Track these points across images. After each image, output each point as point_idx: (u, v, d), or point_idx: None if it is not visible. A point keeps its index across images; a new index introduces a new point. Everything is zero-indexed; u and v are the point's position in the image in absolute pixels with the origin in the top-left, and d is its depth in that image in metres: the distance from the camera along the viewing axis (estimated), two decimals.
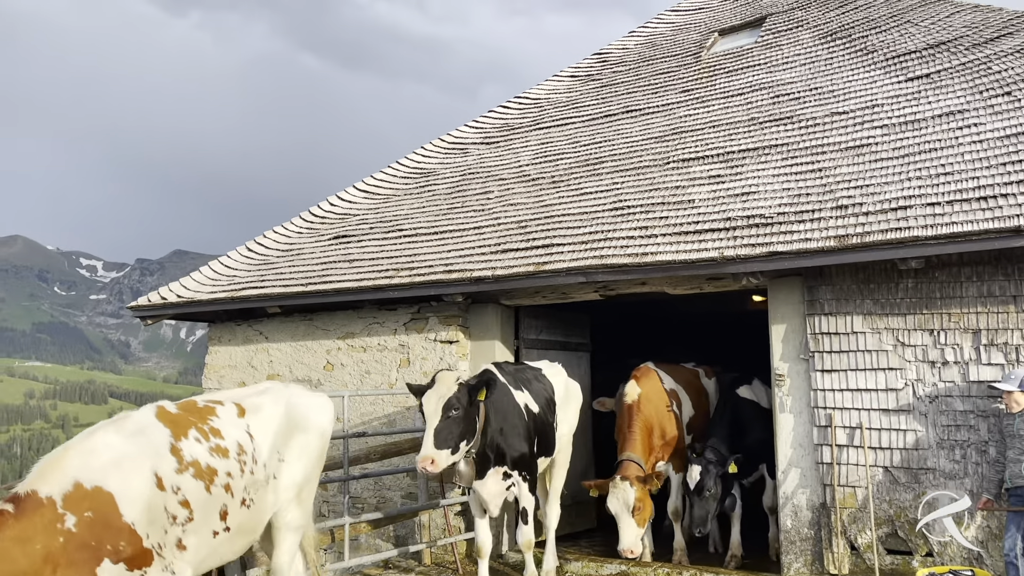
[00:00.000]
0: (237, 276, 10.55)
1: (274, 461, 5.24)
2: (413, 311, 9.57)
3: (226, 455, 4.82)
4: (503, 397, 6.97)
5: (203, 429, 4.80)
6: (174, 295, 10.56)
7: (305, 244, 10.89)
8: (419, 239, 9.91)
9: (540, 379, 7.72)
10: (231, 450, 4.88)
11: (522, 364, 7.96)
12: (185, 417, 4.80)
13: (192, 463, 4.56)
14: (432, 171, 11.85)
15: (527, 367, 7.86)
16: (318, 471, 5.80)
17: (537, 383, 7.60)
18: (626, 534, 7.26)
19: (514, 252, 8.80)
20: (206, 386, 10.72)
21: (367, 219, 11.02)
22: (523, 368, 7.80)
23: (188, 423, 4.75)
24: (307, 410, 5.63)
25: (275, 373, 10.27)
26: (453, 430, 6.26)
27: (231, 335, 10.68)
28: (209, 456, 4.69)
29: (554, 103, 12.72)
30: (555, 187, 10.03)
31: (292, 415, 5.47)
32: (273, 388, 5.67)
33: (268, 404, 5.39)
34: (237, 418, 5.13)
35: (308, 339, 10.16)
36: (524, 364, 7.97)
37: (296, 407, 5.55)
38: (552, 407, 7.63)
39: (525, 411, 7.15)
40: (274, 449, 5.25)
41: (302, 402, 5.65)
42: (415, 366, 9.44)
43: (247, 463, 4.96)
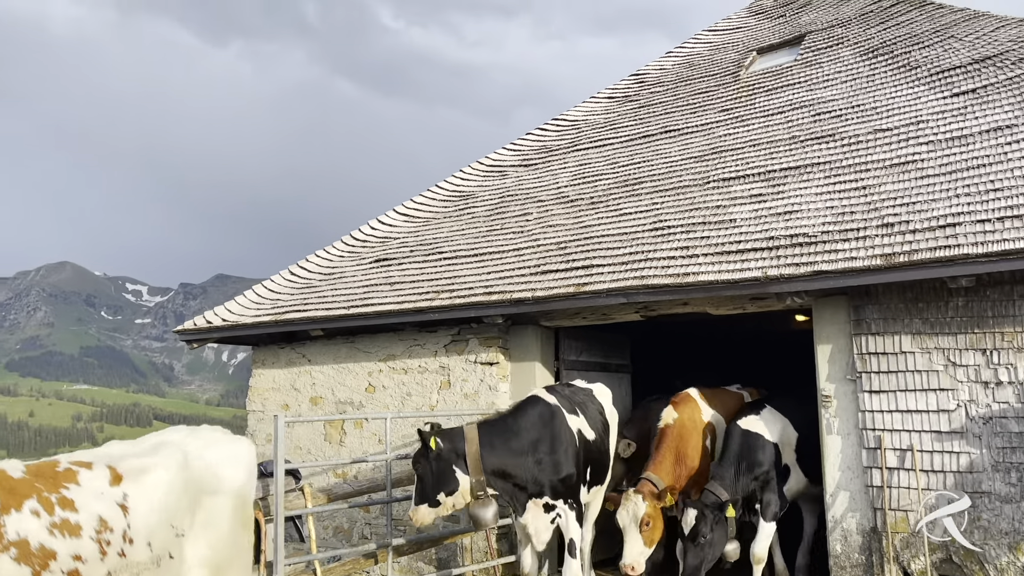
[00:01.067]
0: (281, 300, 10.71)
1: (168, 537, 4.34)
2: (453, 333, 9.61)
3: (76, 533, 3.95)
4: (546, 422, 6.73)
5: (48, 499, 3.94)
6: (219, 319, 10.74)
7: (347, 267, 11.02)
8: (459, 261, 9.97)
9: (593, 401, 7.50)
10: (86, 527, 4.00)
11: (574, 385, 7.78)
12: (28, 483, 3.97)
13: (16, 543, 3.74)
14: (471, 194, 11.94)
15: (580, 388, 7.67)
16: (242, 541, 4.87)
17: (592, 406, 7.38)
18: (630, 549, 6.94)
19: (554, 273, 8.81)
20: (250, 408, 10.86)
21: (407, 242, 11.13)
22: (577, 390, 7.58)
23: (28, 491, 3.92)
24: (215, 467, 4.75)
25: (318, 396, 10.37)
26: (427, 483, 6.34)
27: (275, 358, 10.82)
28: (47, 535, 3.85)
29: (592, 124, 12.75)
30: (594, 208, 10.03)
31: (193, 475, 4.59)
32: (169, 443, 4.74)
33: (157, 465, 4.47)
34: (108, 486, 4.21)
35: (350, 361, 10.25)
36: (575, 385, 7.79)
37: (199, 465, 4.67)
38: (607, 431, 7.46)
39: (578, 437, 6.89)
40: (166, 522, 4.36)
41: (207, 457, 4.76)
42: (456, 388, 9.46)
43: (113, 543, 4.08)
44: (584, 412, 7.17)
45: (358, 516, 9.92)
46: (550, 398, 6.95)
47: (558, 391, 7.18)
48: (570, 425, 6.90)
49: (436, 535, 8.13)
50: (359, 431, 9.99)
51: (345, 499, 7.49)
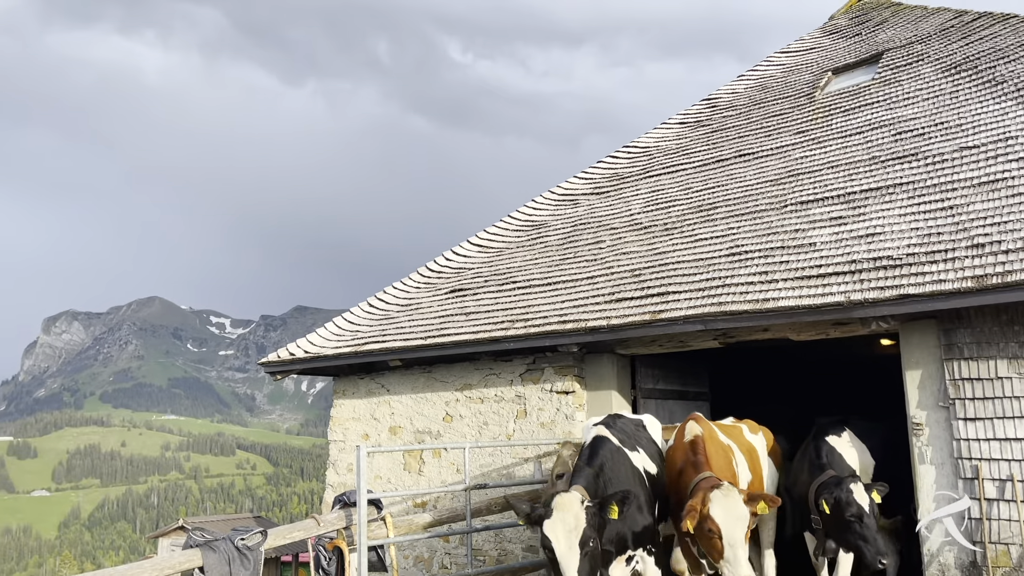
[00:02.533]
0: (360, 331, 10.95)
1: None
2: (528, 362, 9.65)
3: None
4: (620, 466, 6.22)
5: None
6: (301, 351, 11.04)
7: (423, 298, 11.21)
8: (533, 290, 10.03)
9: (644, 432, 7.04)
10: None
11: (623, 417, 7.21)
12: None
13: None
14: (543, 223, 12.02)
15: (630, 420, 7.17)
16: None
17: (643, 436, 6.95)
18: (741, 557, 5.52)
19: (629, 301, 8.77)
20: (332, 438, 11.08)
21: (481, 272, 11.26)
22: (628, 422, 7.10)
23: None
24: None
25: (397, 425, 10.52)
26: (594, 566, 5.38)
27: (355, 388, 11.04)
28: None
29: (663, 151, 12.71)
30: (668, 234, 9.97)
31: None
32: None
33: None
34: None
35: (428, 391, 10.38)
36: (625, 417, 7.24)
37: None
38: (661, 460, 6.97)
39: (644, 475, 6.42)
40: None
41: None
42: (532, 417, 9.48)
43: None
44: (641, 446, 6.69)
45: (438, 546, 9.99)
46: (613, 438, 6.42)
47: (613, 426, 6.66)
48: (635, 464, 6.41)
49: (516, 566, 8.12)
50: (438, 460, 10.09)
51: (425, 529, 7.55)
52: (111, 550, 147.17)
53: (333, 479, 10.92)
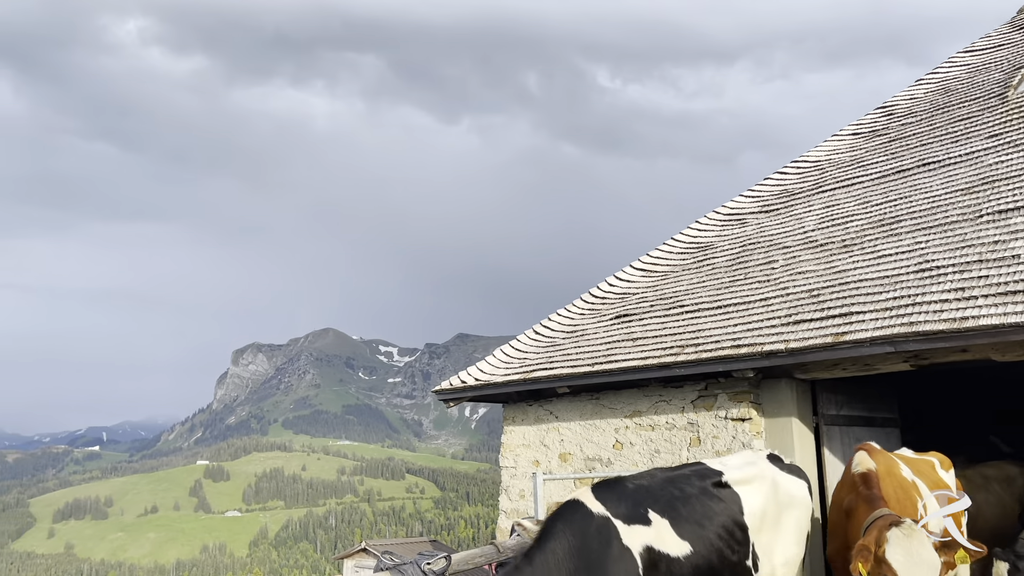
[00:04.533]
0: (527, 358, 11.09)
1: None
2: (700, 388, 9.38)
3: None
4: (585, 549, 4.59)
5: None
6: (472, 378, 11.32)
7: (588, 325, 11.21)
8: (702, 314, 9.77)
9: (710, 493, 5.33)
10: None
11: (685, 468, 5.68)
12: None
13: None
14: (709, 244, 11.73)
15: (694, 473, 5.54)
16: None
17: (701, 500, 5.22)
18: None
19: (807, 323, 8.36)
20: (503, 464, 11.25)
21: (647, 297, 11.12)
22: (678, 477, 5.40)
23: None
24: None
25: (567, 452, 10.53)
26: None
27: (523, 415, 11.17)
28: None
29: (836, 163, 12.09)
30: (847, 251, 9.44)
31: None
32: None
33: None
34: None
35: (596, 418, 10.33)
36: (693, 466, 5.75)
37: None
38: (737, 535, 5.26)
39: (647, 556, 4.74)
40: None
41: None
42: (706, 445, 9.19)
43: None
44: (672, 512, 4.98)
45: None
46: (595, 505, 4.76)
47: (621, 488, 5.00)
48: (627, 544, 4.71)
49: None
50: None
51: None
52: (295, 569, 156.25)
53: (506, 505, 11.06)
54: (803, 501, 6.12)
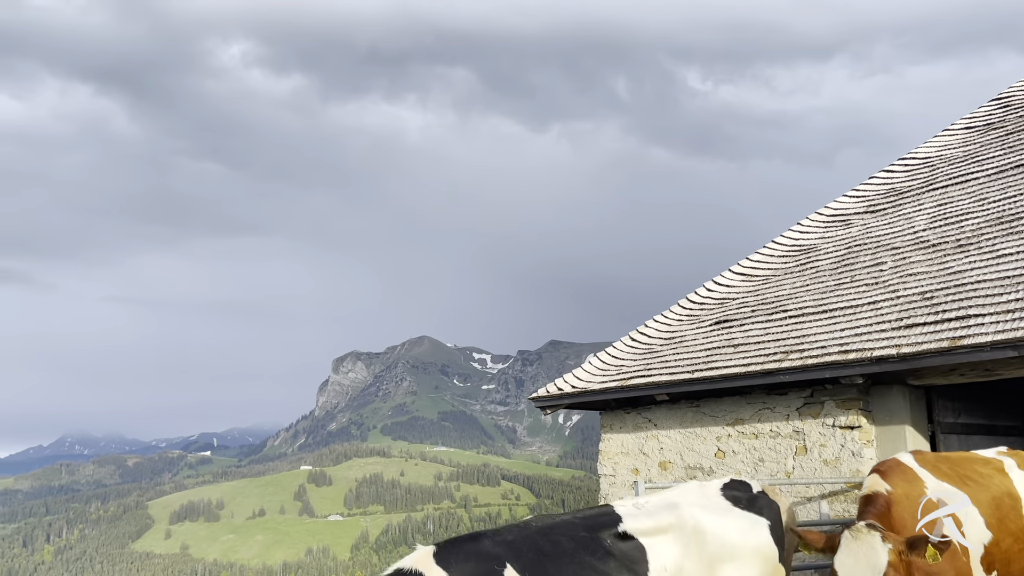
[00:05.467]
0: (624, 365, 11.01)
1: None
2: (806, 395, 9.10)
3: None
4: None
5: None
6: (568, 386, 11.32)
7: (686, 331, 11.04)
8: (806, 319, 9.48)
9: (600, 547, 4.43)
10: None
11: (580, 514, 4.76)
12: None
13: None
14: (812, 247, 11.37)
15: (585, 521, 4.64)
16: None
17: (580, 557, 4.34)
18: None
19: (920, 327, 7.99)
20: (601, 472, 11.19)
21: (747, 302, 10.86)
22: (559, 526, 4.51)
23: None
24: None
25: (666, 460, 10.39)
26: None
27: (621, 423, 11.09)
28: None
29: (948, 159, 11.53)
30: (962, 251, 8.98)
31: None
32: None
33: None
34: None
35: (696, 426, 10.15)
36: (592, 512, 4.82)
37: None
38: None
39: None
40: None
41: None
42: (813, 453, 8.90)
43: None
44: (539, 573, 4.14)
45: None
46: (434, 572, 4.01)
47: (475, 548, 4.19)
48: None
49: None
50: None
51: None
52: None
53: None
54: (752, 551, 4.97)
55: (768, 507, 5.27)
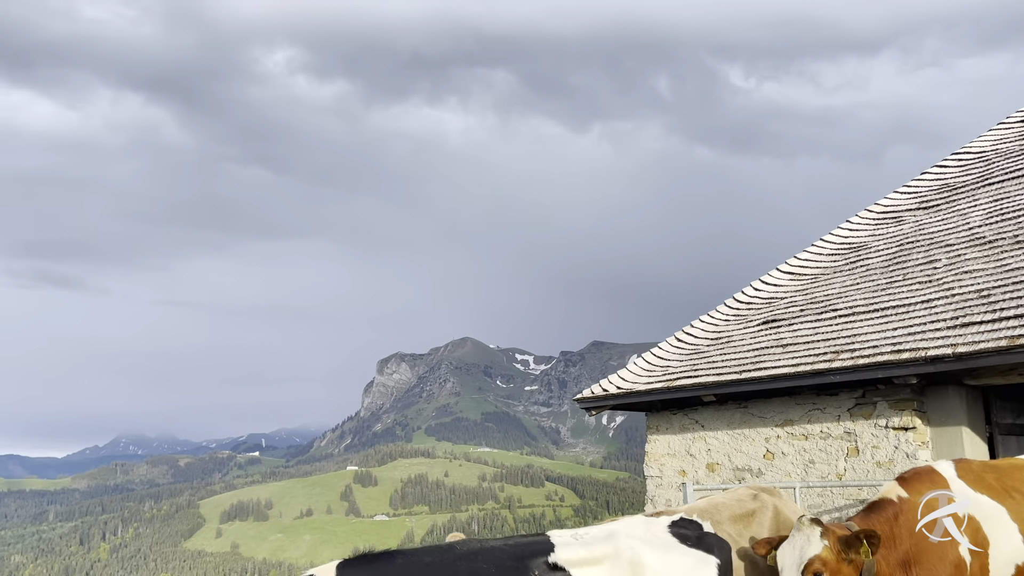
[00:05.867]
0: (670, 366, 10.93)
1: None
2: (857, 396, 8.93)
3: None
4: None
5: None
6: (613, 387, 11.27)
7: (733, 331, 10.92)
8: (857, 318, 9.31)
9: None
10: None
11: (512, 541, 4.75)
12: None
13: None
14: (862, 244, 11.15)
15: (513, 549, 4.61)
16: None
17: None
18: None
19: (977, 326, 7.79)
20: (648, 474, 11.12)
21: (796, 301, 10.70)
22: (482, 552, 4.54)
23: None
24: None
25: (714, 462, 10.29)
26: None
27: (667, 424, 11.01)
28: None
29: (1004, 153, 11.21)
30: (1021, 248, 8.74)
31: None
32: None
33: None
34: None
35: (745, 427, 10.03)
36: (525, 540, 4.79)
37: None
38: None
39: None
40: None
41: None
42: (865, 455, 8.73)
43: None
44: None
45: None
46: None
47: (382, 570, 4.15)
48: None
49: None
50: None
51: None
52: None
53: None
54: None
55: (719, 546, 5.05)
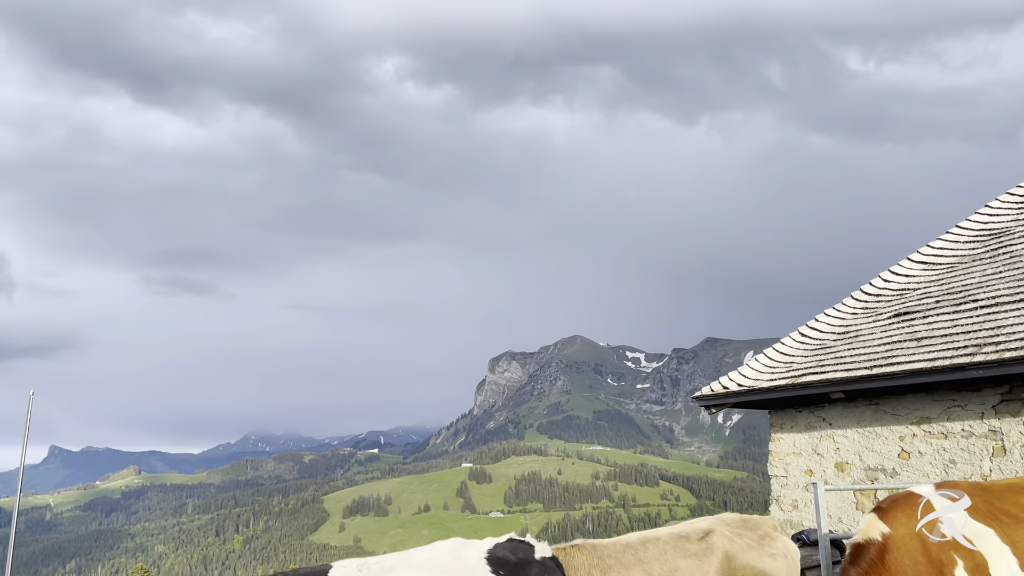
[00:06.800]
0: (794, 362, 10.56)
1: None
2: (1002, 391, 8.38)
3: None
4: None
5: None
6: (734, 384, 10.99)
7: (862, 325, 10.44)
8: (1001, 309, 8.73)
9: None
10: None
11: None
12: None
13: None
14: (1004, 230, 10.44)
15: None
16: None
17: None
18: None
19: None
20: (772, 473, 10.80)
21: (930, 292, 10.14)
22: None
23: None
24: None
25: (843, 461, 9.88)
26: None
27: (792, 422, 10.64)
28: None
29: None
30: None
31: None
32: None
33: None
34: None
35: (876, 425, 9.58)
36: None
37: None
38: None
39: None
40: None
41: None
42: (1014, 455, 8.18)
43: None
44: None
45: None
46: None
47: None
48: None
49: None
50: None
51: None
52: None
53: (778, 516, 10.58)
54: None
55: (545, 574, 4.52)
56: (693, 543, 5.11)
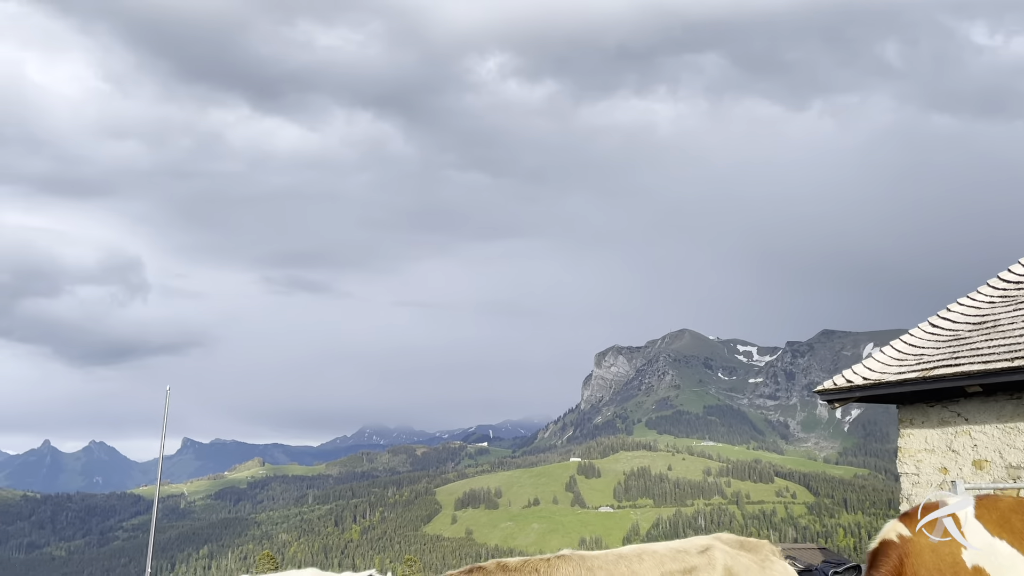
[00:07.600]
0: (924, 354, 10.05)
1: None
2: None
3: None
4: None
5: None
6: (859, 377, 10.56)
7: (1000, 314, 9.83)
8: None
9: None
10: None
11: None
12: None
13: None
14: None
15: None
16: None
17: None
18: None
19: None
20: (902, 471, 10.32)
21: None
22: None
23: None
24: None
25: (982, 459, 9.33)
26: None
27: (923, 417, 10.13)
28: None
29: None
30: None
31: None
32: None
33: None
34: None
35: (1019, 420, 9.01)
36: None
37: None
38: None
39: None
40: None
41: None
42: None
43: None
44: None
45: None
46: None
47: None
48: None
49: None
50: None
51: None
52: None
53: None
54: None
55: None
56: (693, 556, 4.98)
